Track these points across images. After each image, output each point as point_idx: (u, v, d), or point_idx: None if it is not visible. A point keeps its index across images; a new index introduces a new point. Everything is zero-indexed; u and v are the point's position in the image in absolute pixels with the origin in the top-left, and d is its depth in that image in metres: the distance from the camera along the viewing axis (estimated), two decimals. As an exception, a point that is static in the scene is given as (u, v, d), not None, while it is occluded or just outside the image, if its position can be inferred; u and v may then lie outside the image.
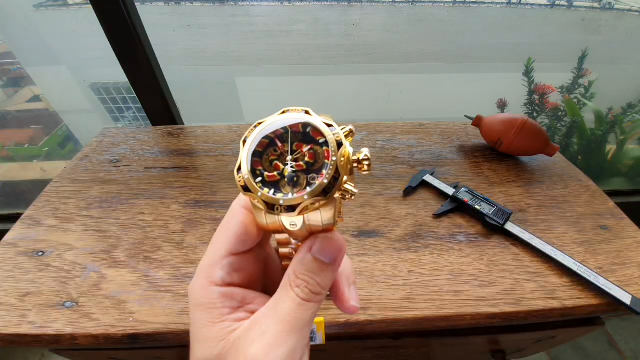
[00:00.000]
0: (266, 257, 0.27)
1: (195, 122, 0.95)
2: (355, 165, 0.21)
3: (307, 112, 0.22)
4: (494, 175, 0.74)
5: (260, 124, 0.23)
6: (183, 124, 0.99)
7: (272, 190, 0.21)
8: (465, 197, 0.65)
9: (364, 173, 0.21)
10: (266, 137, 0.22)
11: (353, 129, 0.22)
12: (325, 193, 0.20)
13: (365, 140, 0.84)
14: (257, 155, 0.22)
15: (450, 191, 0.67)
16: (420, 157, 0.79)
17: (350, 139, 0.22)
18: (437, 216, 0.64)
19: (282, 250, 0.26)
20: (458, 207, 0.65)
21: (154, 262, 0.56)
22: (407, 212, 0.65)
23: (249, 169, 0.22)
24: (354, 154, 0.21)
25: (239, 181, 0.22)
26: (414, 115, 1.58)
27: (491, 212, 0.62)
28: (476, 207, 0.63)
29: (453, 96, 1.56)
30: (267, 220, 0.22)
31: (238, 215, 0.25)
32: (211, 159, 0.78)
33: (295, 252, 0.24)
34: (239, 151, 0.22)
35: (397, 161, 0.77)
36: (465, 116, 0.83)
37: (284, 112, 0.23)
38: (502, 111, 1.53)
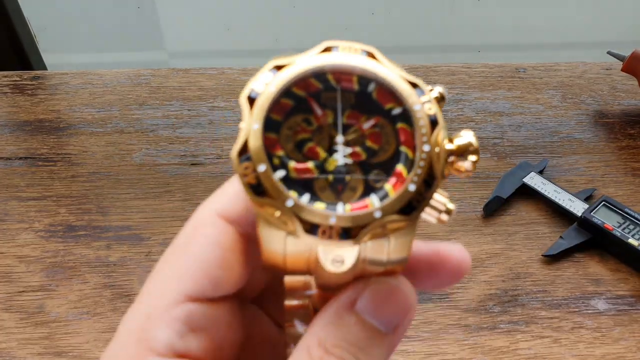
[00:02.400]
0: (252, 316, 0.18)
1: (68, 62, 0.75)
2: (450, 160, 0.14)
3: (370, 55, 0.14)
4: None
5: (279, 67, 0.14)
6: (44, 66, 0.72)
7: (307, 196, 0.13)
8: (609, 221, 0.51)
9: (462, 176, 0.14)
10: (290, 93, 0.14)
11: (443, 91, 0.15)
12: (410, 208, 0.13)
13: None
14: (272, 127, 0.14)
15: (578, 207, 0.53)
16: (516, 136, 0.62)
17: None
18: (551, 258, 0.51)
19: (289, 302, 0.16)
20: (594, 239, 0.52)
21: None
22: (491, 249, 0.52)
23: (265, 151, 0.13)
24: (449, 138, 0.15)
25: (245, 176, 0.13)
26: (499, 43, 1.15)
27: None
28: (630, 240, 0.50)
29: (578, 10, 1.13)
30: (288, 248, 0.13)
31: (210, 230, 0.15)
32: (100, 138, 0.58)
33: (316, 306, 0.15)
34: (241, 114, 0.13)
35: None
36: (609, 52, 0.65)
37: (326, 50, 0.15)
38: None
